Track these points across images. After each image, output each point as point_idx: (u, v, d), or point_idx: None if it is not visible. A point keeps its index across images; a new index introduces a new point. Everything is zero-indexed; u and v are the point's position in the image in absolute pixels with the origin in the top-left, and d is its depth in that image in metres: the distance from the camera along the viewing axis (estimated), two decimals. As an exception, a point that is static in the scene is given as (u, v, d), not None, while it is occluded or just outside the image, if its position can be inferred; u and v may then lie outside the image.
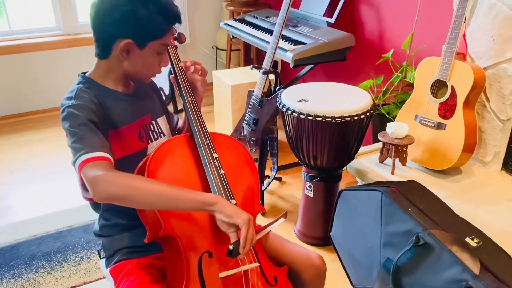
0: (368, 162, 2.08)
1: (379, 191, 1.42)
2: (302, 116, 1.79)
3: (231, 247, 1.00)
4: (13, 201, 2.51)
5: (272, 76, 2.28)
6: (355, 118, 1.77)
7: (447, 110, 1.90)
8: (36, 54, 3.42)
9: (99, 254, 1.29)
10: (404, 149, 1.92)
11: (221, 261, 1.11)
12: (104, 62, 1.16)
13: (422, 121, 1.99)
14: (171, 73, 1.31)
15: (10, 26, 3.44)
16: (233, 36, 3.33)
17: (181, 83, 1.27)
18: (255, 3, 3.51)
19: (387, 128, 1.93)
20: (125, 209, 1.03)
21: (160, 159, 1.12)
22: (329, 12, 2.72)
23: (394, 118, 2.19)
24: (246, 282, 1.11)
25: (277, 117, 2.22)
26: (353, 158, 2.00)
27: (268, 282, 1.16)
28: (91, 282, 1.91)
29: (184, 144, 1.19)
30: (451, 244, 1.21)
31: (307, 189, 2.07)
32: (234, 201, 1.11)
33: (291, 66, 2.43)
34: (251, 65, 2.39)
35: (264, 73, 2.16)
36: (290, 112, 1.83)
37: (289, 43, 2.49)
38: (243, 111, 2.40)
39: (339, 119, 1.76)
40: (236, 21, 3.11)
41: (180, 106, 3.46)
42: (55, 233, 2.21)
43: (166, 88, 3.18)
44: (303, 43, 2.46)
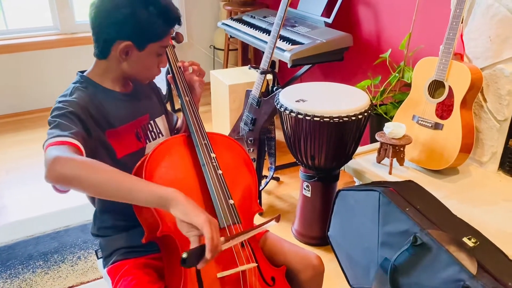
0: (365, 162, 2.09)
1: (377, 191, 1.42)
2: (300, 116, 1.79)
3: (184, 255, 0.84)
4: (9, 201, 2.50)
5: (270, 76, 2.28)
6: (353, 118, 1.77)
7: (444, 110, 1.90)
8: (33, 53, 3.41)
9: (96, 254, 1.29)
10: (402, 149, 1.92)
11: (219, 261, 1.10)
12: (102, 62, 1.16)
13: (420, 121, 1.99)
14: (169, 73, 1.31)
15: (7, 25, 3.42)
16: (230, 36, 3.33)
17: (179, 83, 1.27)
18: (253, 3, 3.51)
19: (384, 128, 1.93)
20: (122, 209, 1.03)
21: (158, 159, 1.12)
22: (327, 12, 2.72)
23: (392, 118, 2.19)
24: (244, 282, 1.10)
25: (275, 117, 2.22)
26: (350, 158, 2.00)
27: (266, 282, 1.16)
28: (88, 282, 1.91)
29: (182, 144, 1.19)
30: (449, 244, 1.21)
31: (304, 189, 2.07)
32: (232, 201, 1.11)
33: (289, 66, 2.43)
34: (249, 65, 2.40)
35: (262, 73, 2.16)
36: (288, 112, 1.83)
37: (287, 43, 2.49)
38: (240, 111, 2.39)
39: (337, 119, 1.76)
40: (233, 20, 3.11)
41: (177, 106, 3.46)
42: (52, 233, 2.20)
43: (163, 87, 3.19)
44: (301, 43, 2.46)
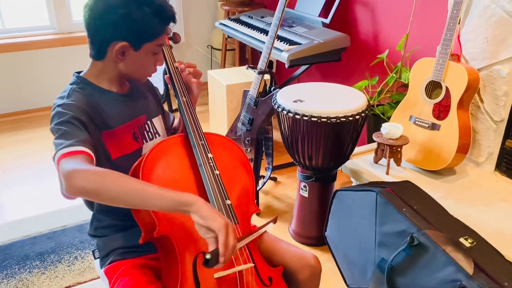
0: (363, 163, 2.09)
1: (374, 191, 1.42)
2: (297, 116, 1.79)
3: (207, 256, 0.90)
4: (6, 200, 2.49)
5: (267, 76, 2.29)
6: (350, 118, 1.77)
7: (441, 111, 1.91)
8: (30, 53, 3.40)
9: (93, 254, 1.29)
10: (399, 149, 1.93)
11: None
12: (99, 63, 1.16)
13: (417, 122, 2.00)
14: (166, 73, 1.31)
15: (3, 24, 3.41)
16: (228, 36, 3.32)
17: (176, 83, 1.27)
18: (250, 3, 3.51)
19: (381, 129, 1.93)
20: (119, 209, 1.03)
21: (154, 159, 1.12)
22: (324, 12, 2.73)
23: (389, 118, 2.20)
24: (240, 282, 1.10)
25: (273, 117, 2.22)
26: (348, 158, 2.00)
27: (263, 282, 1.16)
28: (85, 282, 1.91)
29: (179, 145, 1.19)
30: (445, 244, 1.22)
31: (302, 189, 2.07)
32: (229, 201, 1.11)
33: (287, 66, 2.43)
34: (247, 65, 2.39)
35: (260, 73, 2.16)
36: (285, 112, 1.83)
37: (284, 43, 2.49)
38: (238, 111, 2.39)
39: (334, 119, 1.76)
40: (231, 20, 3.11)
41: (174, 106, 3.46)
42: (49, 233, 2.20)
43: (160, 87, 3.18)
44: (299, 43, 2.46)
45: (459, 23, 1.83)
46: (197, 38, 4.02)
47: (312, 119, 1.77)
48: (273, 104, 1.93)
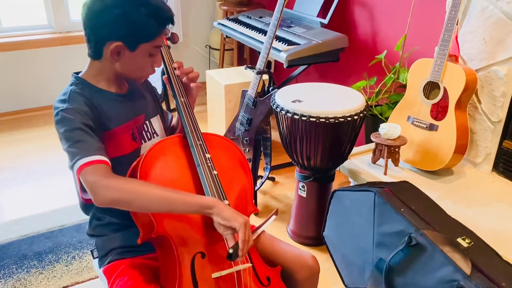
0: (361, 163, 2.09)
1: (372, 192, 1.43)
2: (296, 117, 1.79)
3: (230, 251, 1.01)
4: (4, 200, 2.48)
5: (266, 76, 2.29)
6: (349, 118, 1.78)
7: (439, 111, 1.91)
8: (27, 52, 3.39)
9: (92, 254, 1.29)
10: (397, 150, 1.93)
11: (214, 261, 1.10)
12: (96, 63, 1.16)
13: (415, 122, 2.00)
14: (164, 73, 1.31)
15: (1, 24, 3.40)
16: (226, 36, 3.32)
17: (174, 83, 1.27)
18: (249, 3, 3.51)
19: (379, 129, 1.94)
20: (119, 210, 1.03)
21: (153, 159, 1.12)
22: (322, 13, 2.73)
23: (387, 119, 2.20)
24: (239, 282, 1.11)
25: (271, 117, 2.22)
26: (346, 158, 2.00)
27: (261, 282, 1.16)
28: (83, 282, 1.90)
29: (177, 145, 1.19)
30: (443, 244, 1.22)
31: (300, 189, 2.07)
32: (227, 202, 1.11)
33: (285, 66, 2.43)
34: (245, 65, 2.39)
35: (258, 73, 2.16)
36: (284, 112, 1.83)
37: (283, 43, 2.49)
38: (236, 111, 2.39)
39: (333, 119, 1.76)
40: (229, 20, 3.11)
41: (172, 106, 3.46)
42: (47, 233, 2.19)
43: (159, 87, 3.17)
44: (297, 44, 2.46)
45: (457, 24, 1.84)
46: (195, 38, 4.01)
47: (311, 119, 1.77)
48: (271, 104, 1.93)
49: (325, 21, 2.64)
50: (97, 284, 1.78)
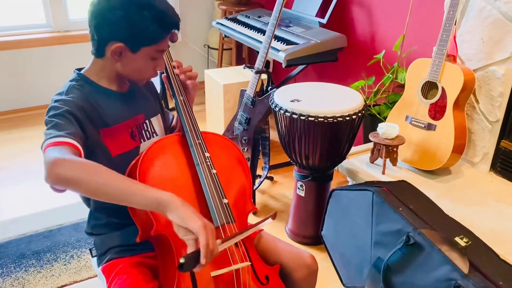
0: (359, 162, 2.10)
1: (370, 191, 1.43)
2: (294, 116, 1.80)
3: (181, 260, 0.85)
4: (2, 199, 2.48)
5: (264, 76, 2.29)
6: (347, 118, 1.78)
7: (437, 111, 1.92)
8: (25, 51, 3.38)
9: (91, 252, 1.29)
10: (395, 149, 1.94)
11: (213, 260, 1.10)
12: (99, 61, 1.16)
13: (413, 122, 2.01)
14: (163, 72, 1.31)
15: (-1, 22, 3.40)
16: (225, 35, 3.32)
17: (173, 82, 1.27)
18: (248, 3, 3.51)
19: (378, 129, 1.94)
20: (117, 207, 1.03)
21: (151, 158, 1.12)
22: (321, 12, 2.73)
23: (385, 118, 2.20)
24: (237, 281, 1.11)
25: (269, 117, 2.22)
26: (344, 158, 2.01)
27: (260, 281, 1.16)
28: (81, 281, 1.90)
29: (176, 144, 1.19)
30: (441, 243, 1.23)
31: (298, 188, 2.08)
32: (226, 200, 1.12)
33: (284, 66, 2.44)
34: (244, 65, 2.40)
35: (257, 72, 2.17)
36: (282, 111, 1.83)
37: (281, 43, 2.50)
38: (235, 110, 2.40)
39: (331, 119, 1.76)
40: (228, 20, 3.11)
41: (171, 105, 3.46)
42: (45, 232, 2.19)
43: (157, 86, 3.17)
44: (296, 43, 2.47)
45: (455, 24, 1.84)
46: (194, 37, 4.01)
47: (309, 118, 1.77)
48: (270, 104, 1.93)
49: (324, 21, 2.64)
50: (96, 283, 1.78)
